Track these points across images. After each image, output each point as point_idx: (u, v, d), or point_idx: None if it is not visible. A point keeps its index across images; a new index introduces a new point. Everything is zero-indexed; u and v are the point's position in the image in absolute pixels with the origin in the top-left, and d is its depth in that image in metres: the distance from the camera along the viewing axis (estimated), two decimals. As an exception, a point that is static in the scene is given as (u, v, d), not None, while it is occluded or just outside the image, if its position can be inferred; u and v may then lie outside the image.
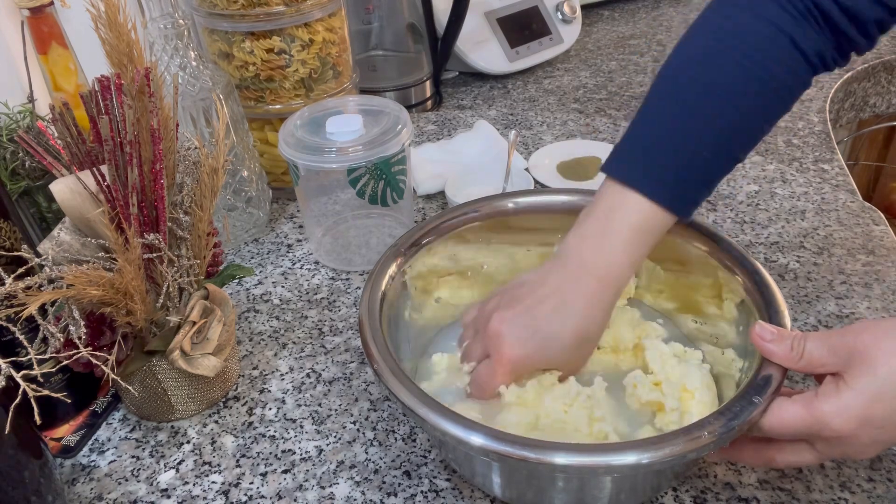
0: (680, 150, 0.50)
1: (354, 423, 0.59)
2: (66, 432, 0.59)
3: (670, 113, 0.51)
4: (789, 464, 0.46)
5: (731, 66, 0.50)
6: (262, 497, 0.54)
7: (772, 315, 0.50)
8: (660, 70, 0.53)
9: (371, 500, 0.53)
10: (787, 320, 0.49)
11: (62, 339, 0.47)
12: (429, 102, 1.14)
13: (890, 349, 0.40)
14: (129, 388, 0.57)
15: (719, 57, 0.50)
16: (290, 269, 0.78)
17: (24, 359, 0.42)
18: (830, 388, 0.42)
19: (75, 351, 0.47)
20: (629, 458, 0.41)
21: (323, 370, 0.65)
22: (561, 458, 0.41)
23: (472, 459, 0.49)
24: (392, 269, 0.58)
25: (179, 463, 0.57)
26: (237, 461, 0.57)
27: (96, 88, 0.52)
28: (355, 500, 0.53)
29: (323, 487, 0.54)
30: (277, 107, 0.84)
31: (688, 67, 0.52)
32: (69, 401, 0.60)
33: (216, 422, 0.60)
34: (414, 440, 0.57)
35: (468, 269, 0.65)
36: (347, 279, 0.76)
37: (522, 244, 0.65)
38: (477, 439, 0.43)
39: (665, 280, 0.62)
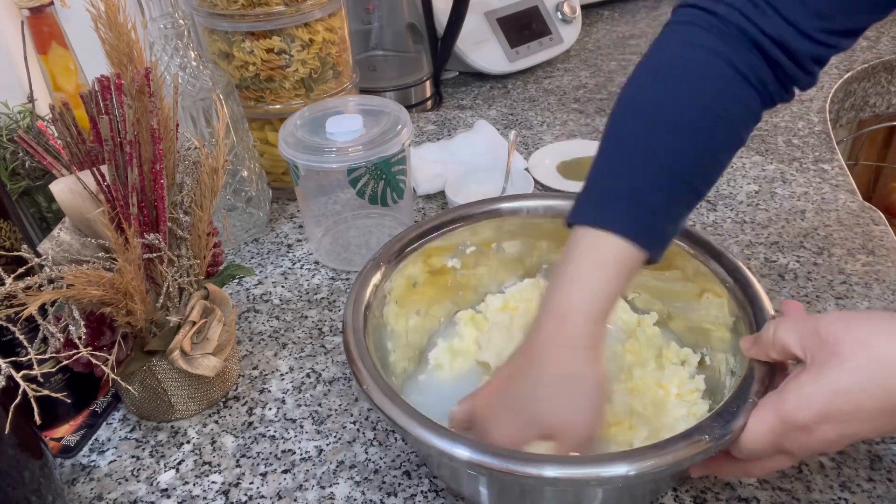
0: (636, 188, 0.48)
1: (354, 423, 0.59)
2: (66, 432, 0.59)
3: (623, 155, 0.49)
4: (767, 469, 0.45)
5: (671, 99, 0.48)
6: (262, 497, 0.54)
7: (755, 312, 0.51)
8: (610, 112, 0.51)
9: (371, 500, 0.53)
10: (771, 312, 0.50)
11: (62, 339, 0.47)
12: (429, 102, 1.14)
13: (861, 341, 0.39)
14: (129, 388, 0.57)
15: (658, 91, 0.49)
16: (290, 269, 0.78)
17: (24, 359, 0.42)
18: (792, 384, 0.41)
19: (75, 351, 0.47)
20: (619, 470, 0.40)
21: (323, 370, 0.65)
22: (550, 471, 0.40)
23: (458, 473, 0.48)
24: (377, 277, 0.57)
25: (179, 463, 0.57)
26: (237, 461, 0.57)
27: (96, 88, 0.51)
28: (355, 500, 0.53)
29: (323, 487, 0.54)
30: (277, 107, 0.84)
31: (631, 107, 0.50)
32: (69, 401, 0.60)
33: (216, 422, 0.60)
34: (414, 440, 0.57)
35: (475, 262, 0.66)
36: (347, 279, 0.76)
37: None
38: (463, 452, 0.41)
39: (652, 286, 0.62)
